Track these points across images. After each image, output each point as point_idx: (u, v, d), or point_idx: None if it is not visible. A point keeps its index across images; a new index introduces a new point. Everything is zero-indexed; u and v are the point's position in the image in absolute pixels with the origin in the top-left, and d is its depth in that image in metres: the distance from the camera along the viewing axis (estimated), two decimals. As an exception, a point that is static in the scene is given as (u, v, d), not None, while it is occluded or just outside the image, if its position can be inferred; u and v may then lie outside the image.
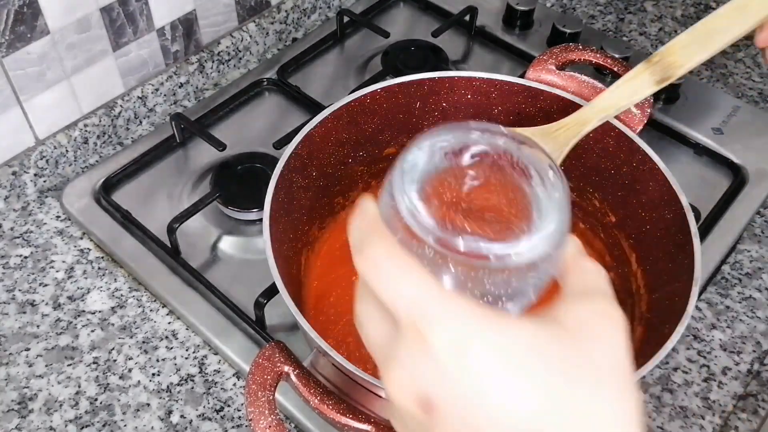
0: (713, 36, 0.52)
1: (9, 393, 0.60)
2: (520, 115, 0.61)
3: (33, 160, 0.72)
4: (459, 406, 0.25)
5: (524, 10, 0.88)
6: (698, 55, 0.52)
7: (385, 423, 0.44)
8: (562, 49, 0.61)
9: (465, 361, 0.24)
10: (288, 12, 0.89)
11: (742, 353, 0.63)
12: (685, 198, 0.52)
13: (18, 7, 0.64)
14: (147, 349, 0.63)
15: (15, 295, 0.66)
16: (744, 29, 0.53)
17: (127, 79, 0.77)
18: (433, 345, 0.25)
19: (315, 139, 0.56)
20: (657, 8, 0.96)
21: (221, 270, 0.67)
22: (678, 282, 0.50)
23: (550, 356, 0.25)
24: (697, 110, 0.80)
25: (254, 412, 0.44)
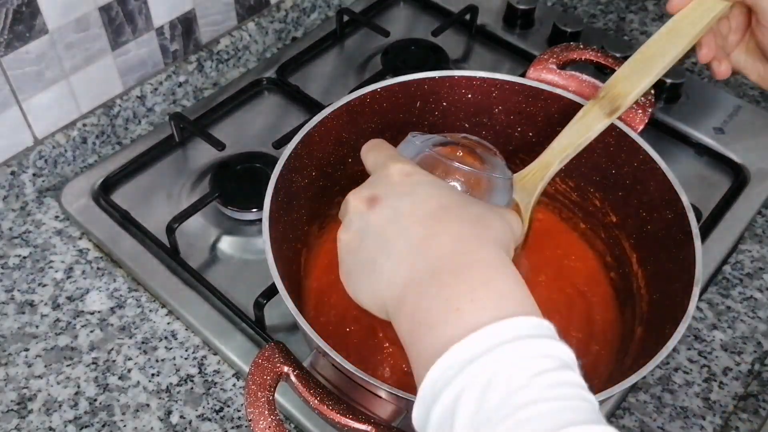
0: (652, 61, 0.54)
1: (8, 393, 0.60)
2: (521, 115, 0.61)
3: (32, 160, 0.72)
4: (394, 198, 0.40)
5: (525, 9, 0.88)
6: (641, 82, 0.54)
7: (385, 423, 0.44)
8: (562, 48, 0.60)
9: (408, 179, 0.41)
10: (287, 11, 0.88)
11: (743, 353, 0.63)
12: (686, 198, 0.52)
13: (16, 7, 0.63)
14: (146, 350, 0.63)
15: (14, 296, 0.66)
16: (679, 50, 0.54)
17: (126, 79, 0.77)
18: (390, 171, 0.42)
19: (315, 139, 0.56)
20: (658, 7, 0.96)
21: (221, 270, 0.67)
22: (679, 282, 0.50)
23: (460, 195, 0.42)
24: (698, 110, 0.80)
25: (254, 412, 0.44)
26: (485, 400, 0.31)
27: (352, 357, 0.45)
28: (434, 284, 0.36)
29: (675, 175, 0.53)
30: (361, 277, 0.41)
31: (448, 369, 0.32)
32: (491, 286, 0.36)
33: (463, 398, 0.31)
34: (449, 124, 0.62)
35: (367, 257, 0.40)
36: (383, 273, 0.39)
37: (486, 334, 0.33)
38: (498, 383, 0.31)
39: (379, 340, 0.57)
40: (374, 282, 0.40)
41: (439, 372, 0.33)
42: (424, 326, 0.35)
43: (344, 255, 0.42)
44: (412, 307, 0.37)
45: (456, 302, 0.35)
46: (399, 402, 0.44)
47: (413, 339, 0.36)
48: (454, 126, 0.62)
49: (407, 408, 0.45)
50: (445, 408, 0.32)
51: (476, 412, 0.31)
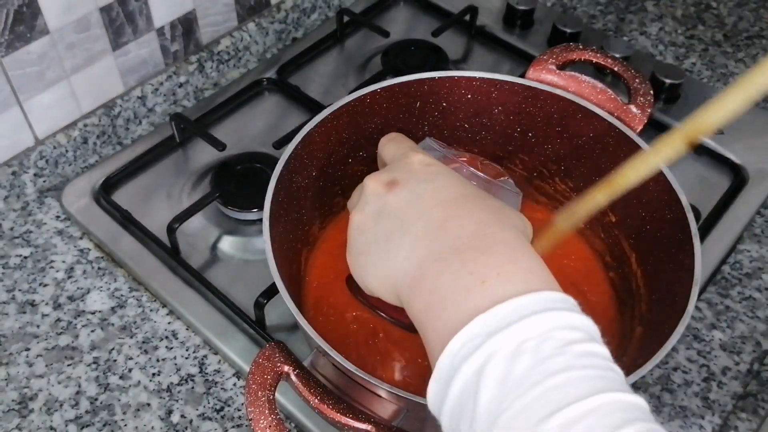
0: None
1: (9, 393, 0.60)
2: (521, 115, 0.61)
3: (32, 160, 0.72)
4: (414, 183, 0.41)
5: (525, 9, 0.88)
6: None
7: (385, 423, 0.44)
8: (562, 48, 0.61)
9: (428, 168, 0.42)
10: (288, 11, 0.89)
11: (742, 353, 0.63)
12: (685, 198, 0.52)
13: (17, 7, 0.64)
14: (147, 349, 0.63)
15: (15, 296, 0.66)
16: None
17: (127, 79, 0.77)
18: (411, 160, 0.43)
19: (315, 139, 0.56)
20: (658, 8, 0.96)
21: (221, 270, 0.67)
22: (678, 282, 0.50)
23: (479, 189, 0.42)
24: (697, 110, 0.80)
25: (254, 411, 0.44)
26: (513, 368, 0.30)
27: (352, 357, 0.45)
28: (456, 260, 0.36)
29: (674, 175, 0.53)
30: (373, 256, 0.40)
31: (471, 339, 0.32)
32: (517, 263, 0.35)
33: (489, 367, 0.31)
34: (449, 124, 0.62)
35: (382, 236, 0.40)
36: (399, 251, 0.39)
37: (513, 306, 0.32)
38: (526, 351, 0.31)
39: (379, 339, 0.57)
40: (387, 260, 0.39)
41: (460, 343, 0.32)
42: (445, 300, 0.35)
43: (356, 235, 0.42)
44: (431, 282, 0.36)
45: (481, 275, 0.34)
46: (399, 401, 0.45)
47: (431, 315, 0.36)
48: (454, 126, 0.62)
49: (407, 407, 0.45)
50: (468, 379, 0.31)
51: (503, 380, 0.30)
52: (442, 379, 0.33)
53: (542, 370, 0.30)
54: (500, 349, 0.31)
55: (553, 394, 0.29)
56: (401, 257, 0.38)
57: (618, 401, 0.29)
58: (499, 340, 0.31)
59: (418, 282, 0.37)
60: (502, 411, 0.30)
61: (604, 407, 0.29)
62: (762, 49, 0.90)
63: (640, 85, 0.58)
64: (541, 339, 0.31)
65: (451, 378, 0.32)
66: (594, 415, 0.28)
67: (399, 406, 0.45)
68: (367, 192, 0.42)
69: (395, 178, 0.42)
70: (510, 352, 0.31)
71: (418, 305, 0.37)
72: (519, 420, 0.29)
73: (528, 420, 0.29)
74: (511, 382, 0.30)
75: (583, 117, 0.58)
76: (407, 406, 0.45)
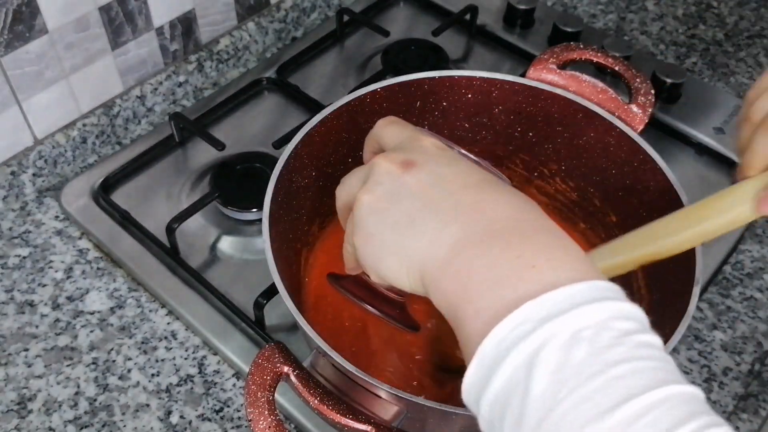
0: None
1: (8, 393, 0.60)
2: (521, 115, 0.61)
3: (31, 160, 0.72)
4: (433, 165, 0.39)
5: (525, 9, 0.88)
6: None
7: (385, 423, 0.44)
8: (563, 48, 0.60)
9: (443, 152, 0.41)
10: (287, 11, 0.88)
11: (743, 353, 0.63)
12: (686, 198, 0.52)
13: (16, 7, 0.63)
14: (146, 350, 0.63)
15: (14, 296, 0.66)
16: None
17: (126, 79, 0.77)
18: (423, 143, 0.41)
19: (315, 139, 0.56)
20: (658, 7, 0.96)
21: (220, 270, 0.67)
22: (679, 282, 0.50)
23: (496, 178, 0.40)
24: (698, 110, 0.80)
25: (254, 412, 0.44)
26: (570, 357, 0.29)
27: (352, 357, 0.45)
28: (498, 243, 0.34)
29: (675, 175, 0.53)
30: (391, 238, 0.38)
31: (521, 325, 0.31)
32: (566, 250, 0.34)
33: (543, 354, 0.29)
34: (449, 123, 0.62)
35: (403, 218, 0.38)
36: (424, 234, 0.37)
37: (566, 293, 0.31)
38: (583, 340, 0.30)
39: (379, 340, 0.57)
40: (410, 242, 0.37)
41: (508, 329, 0.31)
42: (486, 283, 0.33)
43: (366, 216, 0.40)
44: (469, 265, 0.35)
45: (530, 260, 0.33)
46: (399, 402, 0.44)
47: (467, 298, 0.34)
48: (455, 125, 0.62)
49: (407, 408, 0.45)
50: (518, 365, 0.30)
51: (559, 368, 0.29)
52: (485, 365, 0.31)
53: (602, 360, 0.29)
54: (555, 337, 0.30)
55: (617, 385, 0.28)
56: (427, 239, 0.37)
57: (682, 393, 0.29)
58: (553, 327, 0.30)
59: (450, 264, 0.35)
60: (559, 401, 0.29)
61: (669, 399, 0.28)
62: (763, 48, 0.90)
63: (641, 84, 0.58)
64: (597, 328, 0.30)
65: (497, 364, 0.31)
66: (660, 408, 0.28)
67: (399, 407, 0.45)
68: (379, 171, 0.40)
69: (411, 159, 0.40)
70: (566, 340, 0.30)
71: (451, 288, 0.35)
72: (580, 411, 0.28)
73: (590, 411, 0.28)
74: (568, 371, 0.29)
75: (583, 117, 0.58)
76: (407, 406, 0.44)
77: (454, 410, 0.43)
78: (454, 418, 0.44)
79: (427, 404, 0.43)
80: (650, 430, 0.27)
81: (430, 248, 0.36)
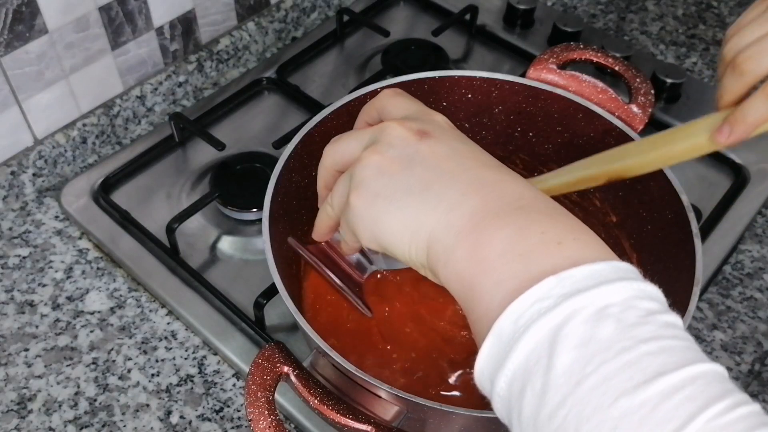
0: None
1: (8, 393, 0.60)
2: (521, 115, 0.61)
3: (31, 160, 0.72)
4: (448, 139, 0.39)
5: (525, 9, 0.88)
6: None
7: (385, 423, 0.44)
8: (563, 48, 0.60)
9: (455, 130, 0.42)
10: (287, 11, 0.88)
11: (743, 354, 0.63)
12: (686, 198, 0.52)
13: (16, 7, 0.63)
14: (146, 350, 0.63)
15: (14, 296, 0.66)
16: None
17: (126, 79, 0.77)
18: (436, 118, 0.42)
19: (315, 139, 0.56)
20: (658, 7, 0.96)
21: (220, 270, 0.67)
22: (679, 282, 0.50)
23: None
24: (698, 109, 0.80)
25: (254, 412, 0.44)
26: (597, 332, 0.29)
27: (352, 357, 0.45)
28: (523, 218, 0.34)
29: (675, 175, 0.53)
30: (401, 202, 0.37)
31: (543, 299, 0.30)
32: (588, 232, 0.34)
33: (568, 328, 0.29)
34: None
35: (417, 184, 0.37)
36: (441, 201, 0.36)
37: (590, 270, 0.31)
38: (609, 317, 0.29)
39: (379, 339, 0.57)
40: (424, 206, 0.36)
41: (529, 302, 0.31)
42: (508, 255, 0.33)
43: (374, 177, 0.38)
44: (489, 236, 0.34)
45: (556, 237, 0.33)
46: (399, 402, 0.44)
47: (484, 270, 0.33)
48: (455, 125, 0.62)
49: (407, 408, 0.45)
50: (540, 339, 0.30)
51: (586, 343, 0.29)
52: (503, 340, 0.31)
53: (631, 336, 0.29)
54: (580, 312, 0.30)
55: (649, 361, 0.28)
56: (444, 207, 0.36)
57: (713, 371, 0.29)
58: (577, 302, 0.30)
59: (468, 234, 0.35)
60: (587, 374, 0.28)
61: (702, 376, 0.28)
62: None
63: (641, 84, 0.58)
64: (623, 306, 0.30)
65: (516, 340, 0.30)
66: (694, 384, 0.28)
67: (399, 407, 0.45)
68: (391, 134, 0.39)
69: (426, 129, 0.39)
70: (591, 315, 0.29)
71: (466, 258, 0.34)
72: (612, 383, 0.28)
73: (624, 383, 0.28)
74: (595, 346, 0.29)
75: (583, 116, 0.58)
76: (407, 406, 0.44)
77: (454, 410, 0.43)
78: (454, 418, 0.44)
79: (427, 404, 0.43)
80: (688, 404, 0.27)
81: (447, 216, 0.36)
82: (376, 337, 0.57)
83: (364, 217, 0.38)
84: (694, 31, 0.93)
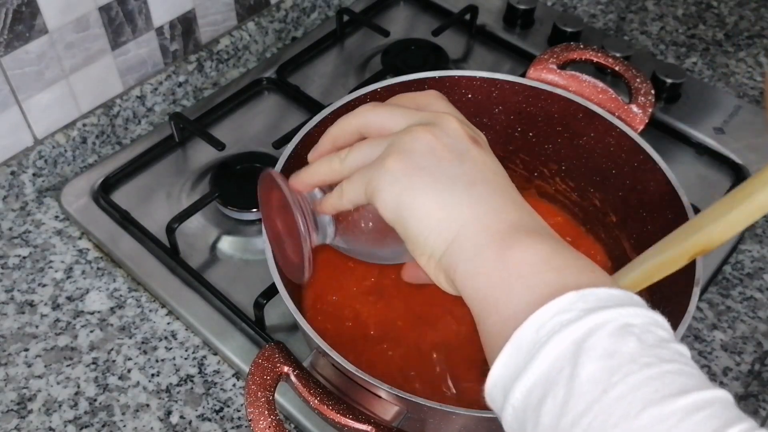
0: None
1: (8, 393, 0.60)
2: (521, 115, 0.61)
3: (31, 160, 0.72)
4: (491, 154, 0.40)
5: (525, 9, 0.88)
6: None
7: (385, 423, 0.44)
8: (563, 48, 0.60)
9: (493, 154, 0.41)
10: (287, 11, 0.88)
11: (743, 353, 0.63)
12: (686, 198, 0.52)
13: (16, 7, 0.63)
14: (146, 350, 0.63)
15: (14, 296, 0.66)
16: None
17: (126, 79, 0.77)
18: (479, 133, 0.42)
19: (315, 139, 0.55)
20: (658, 7, 0.96)
21: (220, 270, 0.67)
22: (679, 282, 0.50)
23: None
24: (698, 110, 0.80)
25: (254, 412, 0.44)
26: (620, 347, 0.30)
27: (352, 357, 0.45)
28: (556, 242, 0.36)
29: (675, 174, 0.53)
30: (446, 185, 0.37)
31: (564, 312, 0.31)
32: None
33: (593, 340, 0.30)
34: (449, 124, 0.62)
35: (464, 176, 0.38)
36: (486, 202, 0.37)
37: (609, 292, 0.32)
38: (631, 335, 0.31)
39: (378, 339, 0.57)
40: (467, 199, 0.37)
41: (550, 314, 0.32)
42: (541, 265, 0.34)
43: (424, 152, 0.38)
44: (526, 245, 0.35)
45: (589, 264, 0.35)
46: (399, 402, 0.44)
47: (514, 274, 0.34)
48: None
49: (407, 408, 0.45)
50: (564, 349, 0.30)
51: (610, 355, 0.30)
52: (522, 349, 0.32)
53: (654, 354, 0.30)
54: (604, 326, 0.31)
55: (671, 378, 0.29)
56: (483, 208, 0.37)
57: (727, 398, 0.30)
58: (600, 317, 0.31)
59: (504, 238, 0.36)
60: (613, 383, 0.29)
61: (719, 401, 0.29)
62: (763, 48, 0.90)
63: (641, 84, 0.58)
64: (642, 329, 0.31)
65: (537, 349, 0.31)
66: (714, 406, 0.29)
67: (399, 407, 0.45)
68: (449, 126, 0.40)
69: (477, 138, 0.40)
70: (615, 331, 0.31)
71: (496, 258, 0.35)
72: (639, 393, 0.29)
73: (651, 394, 0.29)
74: (620, 359, 0.30)
75: (584, 117, 0.58)
76: (407, 406, 0.44)
77: (454, 410, 0.43)
78: (454, 418, 0.44)
79: (427, 404, 0.43)
80: (712, 421, 0.28)
81: (487, 216, 0.37)
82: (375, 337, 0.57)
83: (399, 182, 0.37)
84: (694, 31, 0.93)
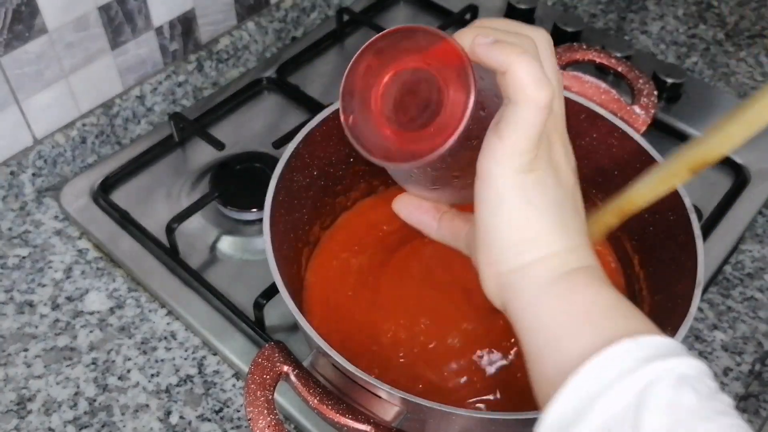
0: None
1: (7, 394, 0.60)
2: (522, 115, 0.61)
3: (31, 160, 0.72)
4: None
5: (525, 9, 0.88)
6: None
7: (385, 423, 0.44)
8: (565, 48, 0.60)
9: None
10: (287, 10, 0.88)
11: (744, 354, 0.63)
12: (688, 199, 0.52)
13: (16, 6, 0.63)
14: (146, 350, 0.62)
15: (13, 296, 0.66)
16: None
17: (126, 79, 0.77)
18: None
19: (316, 138, 0.56)
20: (659, 7, 0.96)
21: (220, 270, 0.67)
22: (681, 283, 0.50)
23: None
24: (699, 110, 0.80)
25: (253, 412, 0.43)
26: (680, 399, 0.31)
27: (352, 357, 0.45)
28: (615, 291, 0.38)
29: (676, 175, 0.53)
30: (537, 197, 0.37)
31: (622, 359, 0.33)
32: None
33: (655, 391, 0.31)
34: (450, 123, 0.62)
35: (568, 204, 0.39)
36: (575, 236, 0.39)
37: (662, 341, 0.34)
38: (687, 386, 0.32)
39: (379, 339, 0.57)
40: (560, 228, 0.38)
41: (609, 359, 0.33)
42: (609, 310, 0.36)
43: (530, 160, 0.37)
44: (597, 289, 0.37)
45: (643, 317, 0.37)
46: (399, 403, 0.44)
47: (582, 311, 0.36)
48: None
49: (407, 409, 0.44)
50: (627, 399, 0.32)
51: (671, 406, 0.31)
52: (582, 393, 0.33)
53: (710, 407, 0.31)
54: (662, 378, 0.32)
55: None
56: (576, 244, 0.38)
57: None
58: (659, 367, 0.32)
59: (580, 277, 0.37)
60: None
61: None
62: (763, 48, 0.90)
63: (644, 85, 0.58)
64: (695, 380, 0.32)
65: (599, 395, 0.32)
66: None
67: (399, 407, 0.45)
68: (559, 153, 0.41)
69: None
70: (674, 382, 0.32)
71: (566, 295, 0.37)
72: None
73: None
74: (681, 412, 0.31)
75: (586, 117, 0.58)
76: (407, 407, 0.44)
77: (454, 410, 0.43)
78: (454, 418, 0.44)
79: (427, 404, 0.43)
80: None
81: (574, 253, 0.38)
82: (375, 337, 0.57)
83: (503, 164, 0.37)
84: (695, 31, 0.93)
